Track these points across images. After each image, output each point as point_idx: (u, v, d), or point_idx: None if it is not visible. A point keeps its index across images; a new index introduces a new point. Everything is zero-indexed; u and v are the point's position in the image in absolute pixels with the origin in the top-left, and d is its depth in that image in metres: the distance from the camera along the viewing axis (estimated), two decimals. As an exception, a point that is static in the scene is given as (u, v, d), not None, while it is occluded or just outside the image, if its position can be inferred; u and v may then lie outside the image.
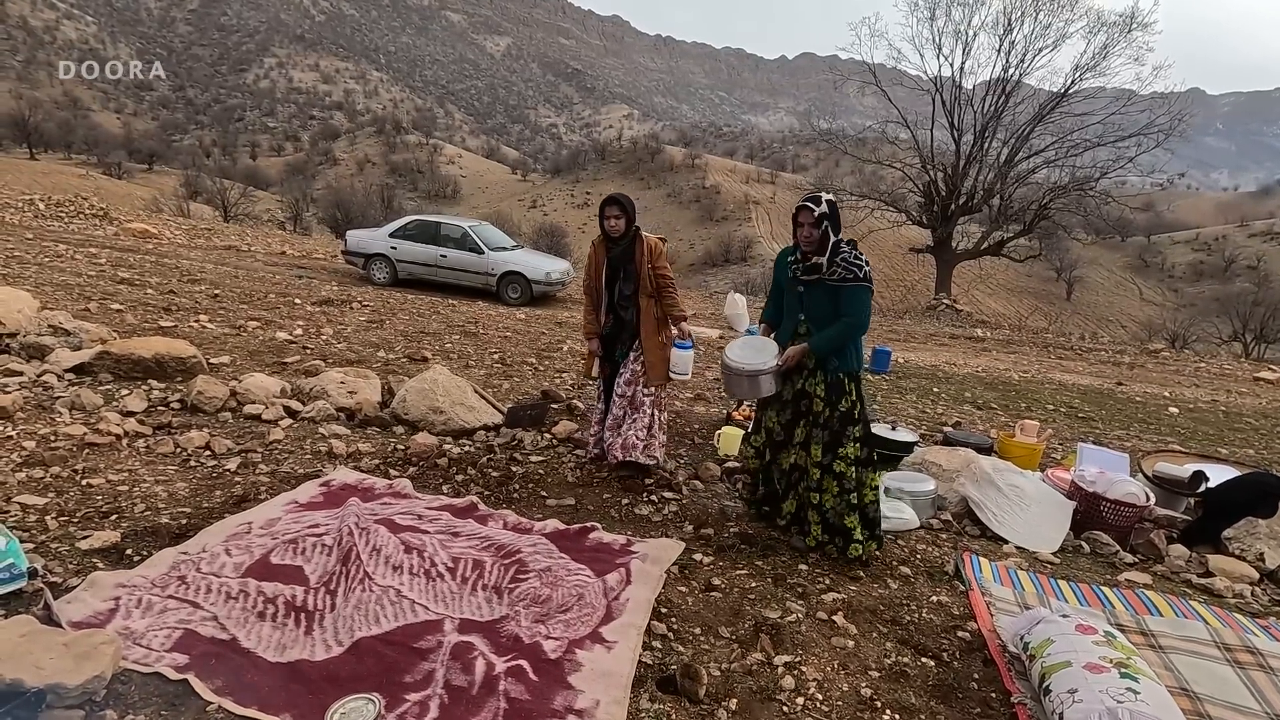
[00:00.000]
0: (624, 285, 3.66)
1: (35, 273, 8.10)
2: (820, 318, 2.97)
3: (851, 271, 2.87)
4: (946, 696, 2.28)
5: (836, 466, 3.00)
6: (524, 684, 2.12)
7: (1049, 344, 14.67)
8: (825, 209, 2.88)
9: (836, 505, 3.02)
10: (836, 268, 2.88)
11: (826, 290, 2.92)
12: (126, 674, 1.99)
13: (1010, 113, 21.90)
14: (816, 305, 2.97)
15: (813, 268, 2.93)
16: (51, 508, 2.88)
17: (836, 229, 2.91)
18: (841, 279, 2.88)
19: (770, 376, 3.02)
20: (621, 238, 3.61)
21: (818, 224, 2.88)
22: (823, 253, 2.90)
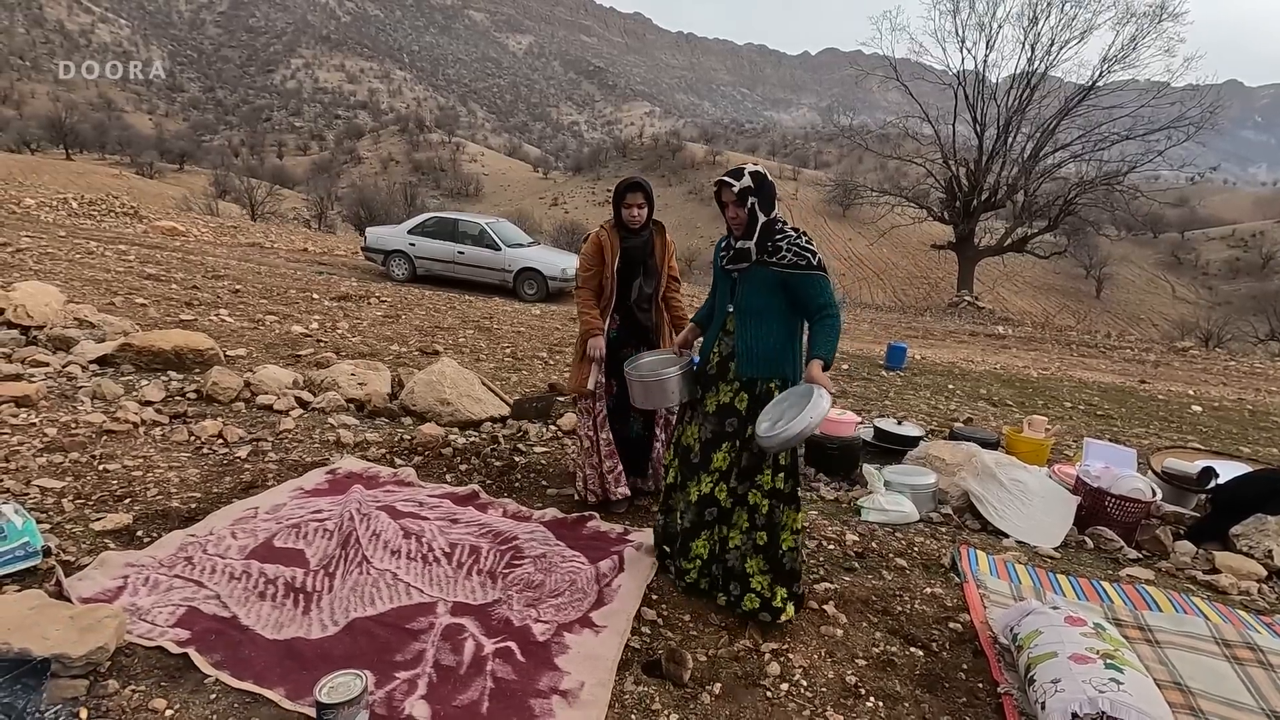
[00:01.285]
0: (645, 283, 3.22)
1: (66, 269, 8.35)
2: (753, 310, 2.50)
3: (804, 258, 2.43)
4: (933, 686, 2.28)
5: (751, 497, 2.51)
6: (511, 665, 2.16)
7: (1072, 342, 14.42)
8: (749, 182, 2.46)
9: (741, 544, 2.53)
10: (784, 253, 2.43)
11: (767, 279, 2.46)
12: (130, 647, 2.08)
13: (1035, 106, 21.54)
14: (750, 295, 2.50)
15: (740, 254, 2.50)
16: (68, 491, 3.00)
17: (767, 207, 2.47)
18: (793, 265, 2.42)
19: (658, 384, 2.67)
20: (642, 228, 3.16)
21: (741, 202, 2.46)
22: (750, 236, 2.47)
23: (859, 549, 3.17)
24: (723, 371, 2.57)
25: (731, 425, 2.53)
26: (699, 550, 2.60)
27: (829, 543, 3.20)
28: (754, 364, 2.50)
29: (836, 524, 3.39)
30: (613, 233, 3.17)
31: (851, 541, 3.23)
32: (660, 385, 2.67)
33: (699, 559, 2.60)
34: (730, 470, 2.54)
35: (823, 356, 2.40)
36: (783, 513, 2.50)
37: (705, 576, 2.62)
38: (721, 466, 2.54)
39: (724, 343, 2.58)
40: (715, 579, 2.60)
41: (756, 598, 2.48)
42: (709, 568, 2.61)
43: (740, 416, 2.52)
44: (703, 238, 68.79)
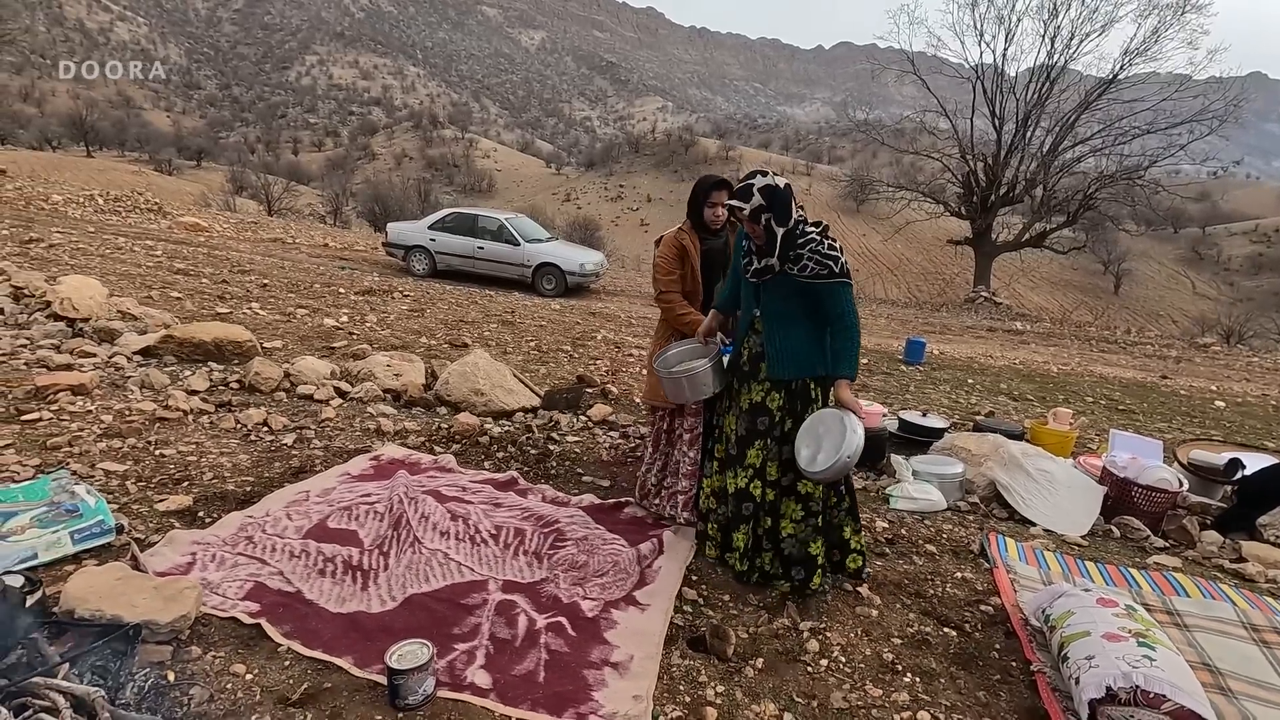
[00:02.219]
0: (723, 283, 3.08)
1: (99, 263, 8.55)
2: (778, 315, 2.52)
3: (826, 266, 2.39)
4: (967, 664, 2.36)
5: (802, 487, 2.57)
6: (563, 638, 2.27)
7: (1091, 337, 14.35)
8: (759, 201, 2.39)
9: (799, 532, 2.58)
10: (806, 262, 2.40)
11: (791, 287, 2.46)
12: (206, 617, 2.20)
13: (1055, 100, 21.30)
14: (774, 302, 2.52)
15: (764, 270, 2.49)
16: (130, 474, 3.13)
17: (784, 218, 2.41)
18: (814, 276, 2.40)
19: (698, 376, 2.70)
20: (721, 228, 3.02)
21: (755, 220, 2.41)
22: (771, 252, 2.44)
23: (889, 535, 3.25)
24: (754, 370, 2.62)
25: (764, 424, 2.59)
26: (739, 543, 2.67)
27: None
28: (784, 366, 2.55)
29: (866, 511, 3.47)
30: (692, 234, 3.01)
31: (881, 528, 3.31)
32: (694, 379, 2.70)
33: (738, 550, 2.68)
34: (764, 467, 2.59)
35: (847, 375, 2.45)
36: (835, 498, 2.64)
37: (755, 570, 2.68)
38: (755, 463, 2.60)
39: (753, 341, 2.64)
40: (765, 570, 2.67)
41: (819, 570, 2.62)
42: (753, 559, 2.68)
43: (771, 415, 2.59)
44: (716, 233, 68.64)
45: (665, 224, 41.72)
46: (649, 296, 13.96)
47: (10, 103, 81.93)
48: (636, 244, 63.46)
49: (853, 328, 2.44)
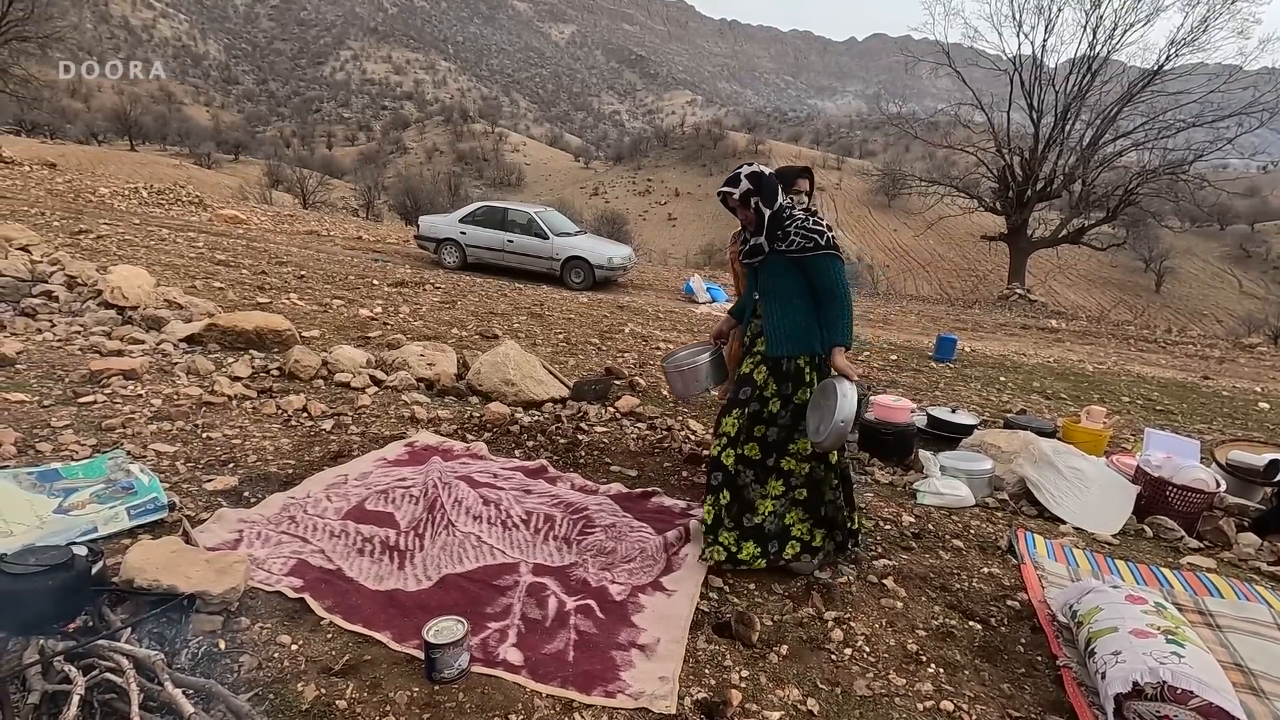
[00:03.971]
0: None
1: (145, 254, 8.84)
2: (776, 291, 2.65)
3: (812, 239, 2.55)
4: (992, 657, 2.37)
5: (785, 464, 2.68)
6: (592, 620, 2.33)
7: (1129, 336, 14.01)
8: (747, 185, 2.61)
9: (776, 508, 2.69)
10: (793, 238, 2.57)
11: (783, 264, 2.61)
12: (253, 591, 2.31)
13: (1096, 92, 20.74)
14: (771, 279, 2.67)
15: (754, 249, 2.67)
16: (179, 455, 3.28)
17: (770, 200, 2.61)
18: (801, 249, 2.56)
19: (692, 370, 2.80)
20: None
21: (745, 204, 2.64)
22: (760, 232, 2.63)
23: (915, 529, 3.25)
24: (751, 348, 2.75)
25: (745, 394, 2.69)
26: (705, 515, 2.74)
27: (885, 523, 3.29)
28: (780, 343, 2.64)
29: (893, 505, 3.48)
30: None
31: (908, 523, 3.31)
32: (694, 372, 2.81)
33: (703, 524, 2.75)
34: (738, 437, 2.68)
35: (840, 342, 2.56)
36: (824, 472, 2.69)
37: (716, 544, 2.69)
38: (729, 432, 2.69)
39: (755, 324, 2.77)
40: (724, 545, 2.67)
41: (796, 543, 2.69)
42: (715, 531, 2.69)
43: (754, 386, 2.67)
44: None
45: (693, 218, 42.04)
46: (676, 291, 13.97)
47: (59, 98, 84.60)
48: (664, 238, 63.39)
49: (843, 298, 2.57)
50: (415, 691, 1.95)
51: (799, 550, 2.71)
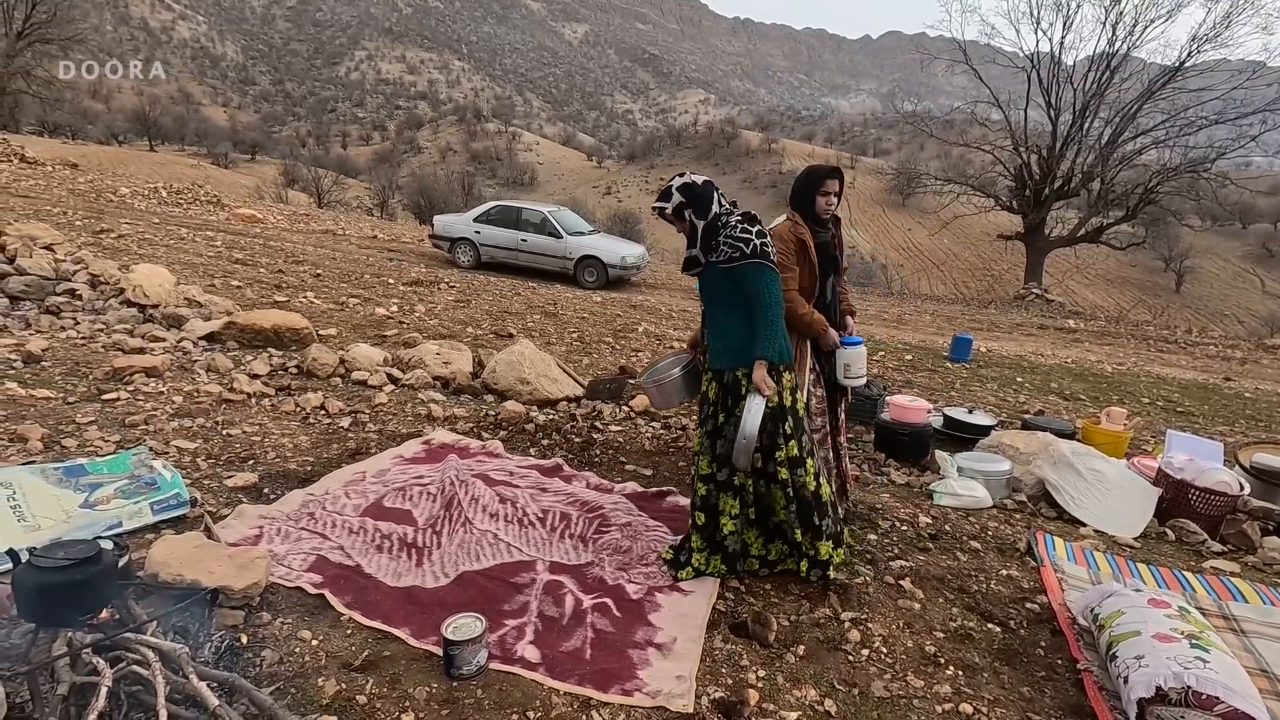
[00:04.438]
0: (836, 279, 3.01)
1: (165, 253, 8.96)
2: (716, 303, 2.59)
3: (738, 249, 2.47)
4: (1011, 659, 2.35)
5: (736, 479, 2.59)
6: (609, 618, 2.34)
7: (1149, 336, 13.82)
8: (679, 198, 2.55)
9: (737, 527, 2.61)
10: (722, 248, 2.50)
11: (720, 274, 2.54)
12: (274, 586, 2.34)
13: (1115, 90, 20.45)
14: (711, 291, 2.61)
15: (690, 262, 2.62)
16: (200, 451, 3.32)
17: (702, 212, 2.54)
18: (729, 260, 2.49)
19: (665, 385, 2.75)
20: (830, 219, 2.94)
21: (679, 217, 2.57)
22: (695, 244, 2.57)
23: (932, 531, 3.23)
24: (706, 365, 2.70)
25: (704, 412, 2.67)
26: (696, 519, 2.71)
27: (902, 524, 3.27)
28: (721, 356, 2.59)
29: (909, 506, 3.46)
30: (803, 229, 2.88)
31: (925, 524, 3.29)
32: (669, 385, 2.77)
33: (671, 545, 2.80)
34: (698, 459, 2.67)
35: (761, 356, 2.46)
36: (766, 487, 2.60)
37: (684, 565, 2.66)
38: (698, 450, 2.69)
39: (706, 336, 2.71)
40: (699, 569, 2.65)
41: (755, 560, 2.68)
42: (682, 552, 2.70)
43: (710, 403, 2.63)
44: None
45: (706, 217, 41.43)
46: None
47: (80, 99, 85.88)
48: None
49: (769, 308, 2.47)
50: (434, 688, 1.97)
51: (757, 567, 2.68)
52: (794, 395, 2.60)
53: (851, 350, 2.96)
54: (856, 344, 2.98)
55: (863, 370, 2.98)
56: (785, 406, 2.55)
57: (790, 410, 2.56)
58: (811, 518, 2.59)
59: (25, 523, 2.42)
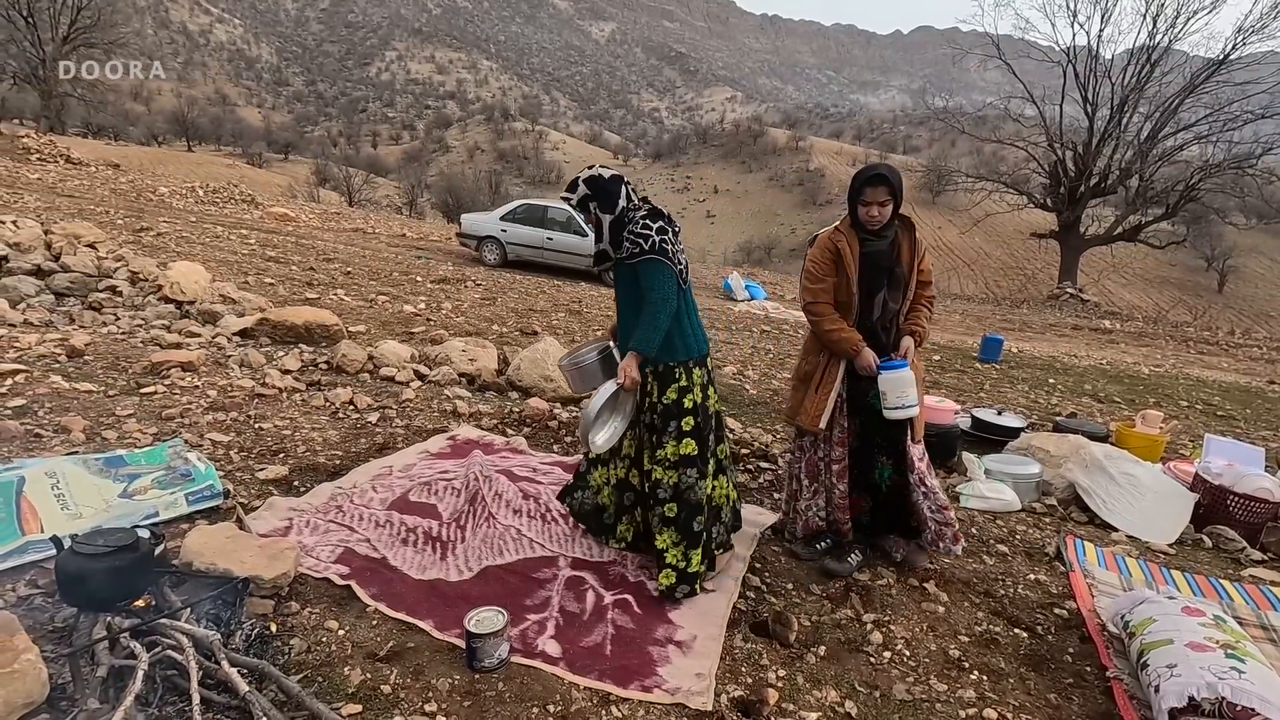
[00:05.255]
0: (890, 297, 2.63)
1: (201, 251, 9.19)
2: (627, 301, 2.53)
3: (637, 244, 2.42)
4: (1038, 666, 2.31)
5: (654, 472, 2.50)
6: (629, 615, 2.35)
7: (1189, 338, 13.45)
8: (585, 190, 2.50)
9: (653, 521, 2.53)
10: (625, 244, 2.46)
11: (625, 272, 2.50)
12: (302, 577, 2.39)
13: (1156, 84, 19.92)
14: (622, 288, 2.56)
15: (599, 256, 2.58)
16: (233, 444, 3.41)
17: (607, 207, 2.48)
18: (630, 256, 2.44)
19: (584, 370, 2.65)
20: (885, 228, 2.60)
21: (585, 210, 2.52)
22: (601, 239, 2.53)
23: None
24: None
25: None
26: (624, 534, 2.71)
27: (927, 526, 3.22)
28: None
29: (935, 509, 3.41)
30: (850, 234, 2.62)
31: (951, 526, 3.24)
32: (583, 370, 2.68)
33: (624, 541, 2.72)
34: (640, 455, 2.61)
35: (635, 349, 2.40)
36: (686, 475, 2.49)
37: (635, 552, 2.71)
38: (630, 453, 2.64)
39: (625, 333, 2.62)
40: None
41: (672, 572, 2.46)
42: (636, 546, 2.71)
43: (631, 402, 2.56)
44: (783, 224, 67.69)
45: (731, 216, 41.75)
46: (714, 289, 13.91)
47: (122, 102, 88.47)
48: (702, 236, 63.15)
49: (656, 304, 2.40)
50: (456, 679, 2.00)
51: (674, 581, 2.45)
52: (704, 393, 2.55)
53: (887, 376, 2.54)
54: (896, 369, 2.54)
55: (905, 400, 2.53)
56: (683, 406, 2.47)
57: (697, 410, 2.49)
58: (691, 523, 2.47)
59: (68, 510, 2.51)
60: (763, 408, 5.06)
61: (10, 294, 5.20)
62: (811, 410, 2.67)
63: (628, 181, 2.59)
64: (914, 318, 2.69)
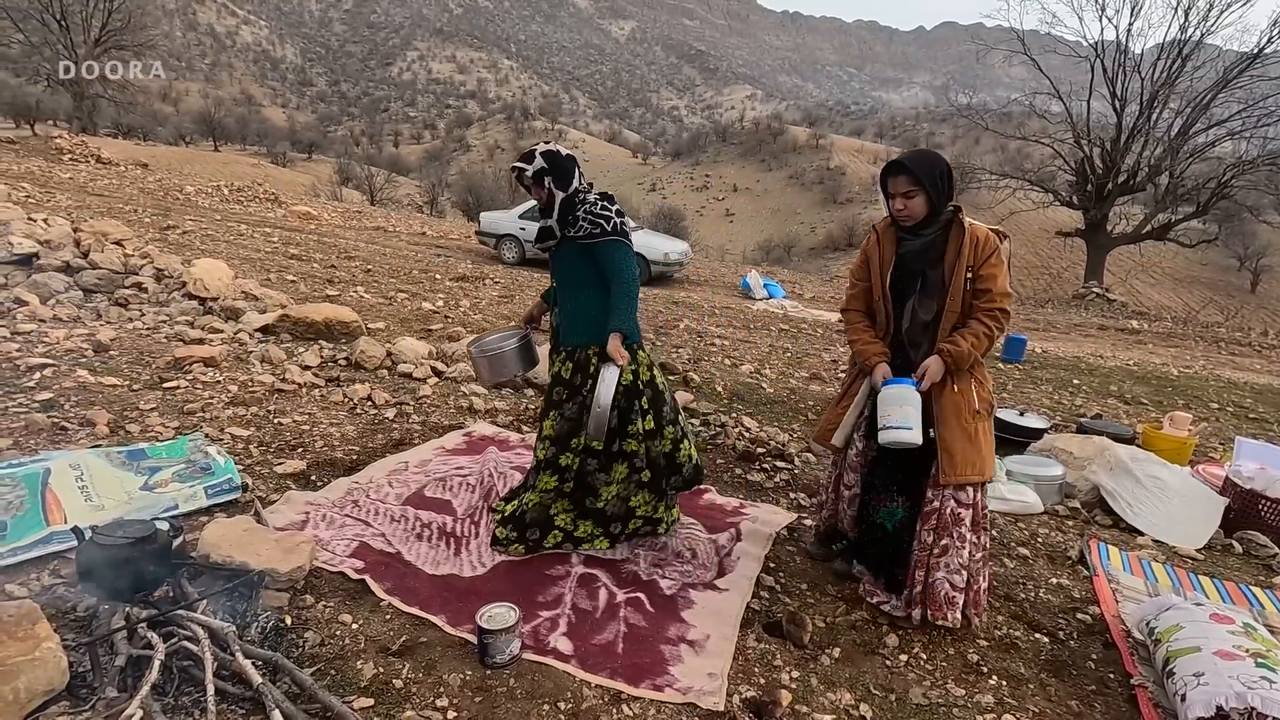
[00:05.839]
0: (920, 304, 2.30)
1: (225, 248, 9.34)
2: (570, 281, 2.55)
3: (599, 225, 2.44)
4: (1059, 671, 2.26)
5: (628, 446, 2.55)
6: (642, 614, 2.34)
7: (1220, 339, 13.12)
8: (541, 164, 2.47)
9: (621, 491, 2.59)
10: (581, 223, 2.46)
11: (575, 252, 2.50)
12: (318, 570, 2.41)
13: (1187, 79, 19.44)
14: (564, 268, 2.56)
15: (545, 232, 2.56)
16: (253, 439, 3.45)
17: (563, 184, 2.49)
18: (589, 235, 2.45)
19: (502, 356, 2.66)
20: (924, 224, 2.26)
21: (538, 183, 2.49)
22: (551, 214, 2.51)
23: (978, 536, 3.13)
24: (555, 344, 2.66)
25: (559, 394, 2.61)
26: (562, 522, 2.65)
27: (946, 528, 3.17)
28: (574, 332, 2.56)
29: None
30: (887, 233, 2.36)
31: (970, 528, 3.18)
32: (499, 358, 2.69)
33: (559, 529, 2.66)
34: (561, 437, 2.59)
35: (618, 328, 2.42)
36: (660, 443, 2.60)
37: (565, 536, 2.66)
38: (550, 434, 2.61)
39: (556, 314, 2.67)
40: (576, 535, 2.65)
41: (639, 519, 2.64)
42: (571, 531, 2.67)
43: (565, 384, 2.59)
44: (803, 223, 67.23)
45: (750, 215, 41.47)
46: (733, 287, 13.85)
47: (151, 103, 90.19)
48: (721, 234, 62.90)
49: (628, 284, 2.47)
50: (468, 675, 2.00)
51: (640, 524, 2.66)
52: (651, 371, 2.62)
53: (886, 391, 2.24)
54: (898, 385, 2.23)
55: (893, 421, 2.18)
56: (643, 382, 2.56)
57: (649, 384, 2.59)
58: (661, 482, 2.62)
59: (91, 502, 2.56)
60: (779, 406, 5.02)
61: (40, 290, 5.31)
62: (827, 423, 2.54)
63: (579, 163, 2.61)
64: (955, 334, 2.26)
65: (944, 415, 2.26)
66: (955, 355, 2.23)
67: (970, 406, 2.27)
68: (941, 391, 2.27)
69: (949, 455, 2.24)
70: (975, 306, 2.25)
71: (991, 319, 2.24)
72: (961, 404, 2.26)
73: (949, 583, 2.28)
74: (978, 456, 2.25)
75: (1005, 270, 2.27)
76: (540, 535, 2.64)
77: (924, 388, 2.24)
